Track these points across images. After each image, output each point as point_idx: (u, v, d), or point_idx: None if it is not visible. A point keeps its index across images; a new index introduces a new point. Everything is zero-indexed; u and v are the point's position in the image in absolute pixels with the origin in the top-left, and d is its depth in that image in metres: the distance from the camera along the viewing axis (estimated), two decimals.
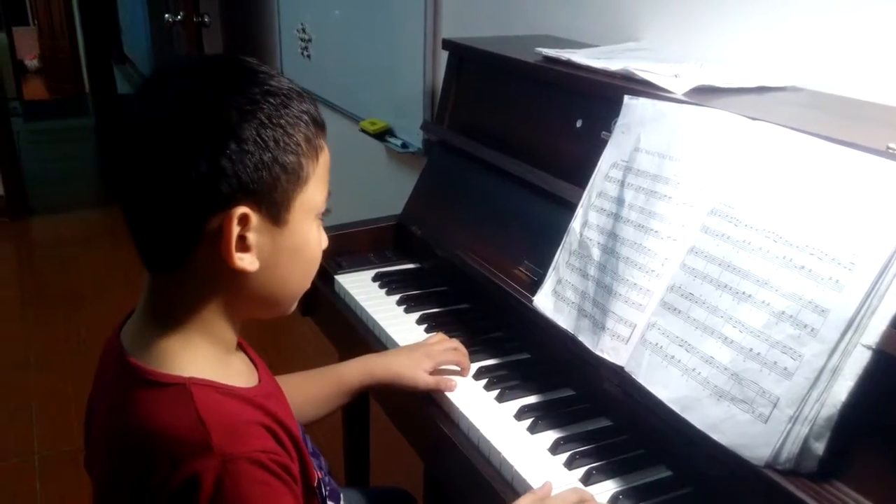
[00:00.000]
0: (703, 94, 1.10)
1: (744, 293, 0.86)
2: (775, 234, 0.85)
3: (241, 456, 0.69)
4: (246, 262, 0.73)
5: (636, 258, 0.98)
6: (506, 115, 1.43)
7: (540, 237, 1.24)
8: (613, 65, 1.20)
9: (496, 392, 1.12)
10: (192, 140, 0.69)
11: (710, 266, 0.90)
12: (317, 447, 0.97)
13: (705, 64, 1.23)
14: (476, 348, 1.24)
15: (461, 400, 1.10)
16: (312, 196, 0.77)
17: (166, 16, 3.37)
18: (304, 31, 2.89)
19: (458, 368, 1.16)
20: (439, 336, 1.20)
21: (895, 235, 0.76)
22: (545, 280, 1.14)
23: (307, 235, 0.78)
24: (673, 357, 0.91)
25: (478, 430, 1.04)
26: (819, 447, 0.78)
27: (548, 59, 1.34)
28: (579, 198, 1.14)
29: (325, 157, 0.78)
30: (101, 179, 4.83)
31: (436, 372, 1.13)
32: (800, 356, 0.79)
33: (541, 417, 1.06)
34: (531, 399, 1.11)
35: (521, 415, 1.07)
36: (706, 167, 0.95)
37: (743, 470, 0.82)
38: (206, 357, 0.76)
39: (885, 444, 0.76)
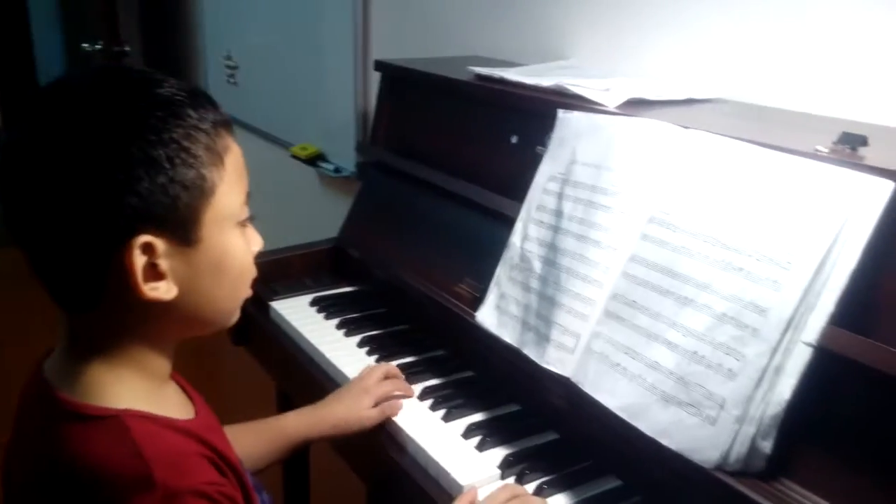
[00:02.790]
0: (635, 106, 1.12)
1: (685, 297, 0.87)
2: (713, 238, 0.86)
3: (186, 490, 0.65)
4: (161, 290, 0.68)
5: (578, 268, 0.99)
6: (441, 134, 1.43)
7: (480, 253, 1.23)
8: (545, 81, 1.22)
9: (442, 412, 1.10)
10: (74, 175, 0.64)
11: (651, 273, 0.91)
12: (258, 481, 0.93)
13: (634, 78, 1.26)
14: (419, 368, 1.22)
15: (407, 423, 1.07)
16: (225, 205, 0.71)
17: (84, 45, 3.26)
18: (229, 58, 2.84)
19: (400, 394, 1.14)
20: (369, 369, 1.16)
21: (829, 234, 0.78)
22: (487, 295, 1.13)
23: (227, 247, 0.73)
24: (618, 365, 0.91)
25: (425, 451, 1.02)
26: (767, 446, 0.79)
27: (480, 77, 1.34)
28: (517, 212, 1.14)
29: (233, 159, 0.72)
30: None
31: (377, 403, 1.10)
32: (743, 356, 0.80)
33: (488, 434, 1.04)
34: (478, 417, 1.10)
35: (468, 433, 1.05)
36: (642, 176, 0.96)
37: (693, 473, 0.82)
38: (138, 390, 0.72)
39: (830, 440, 0.78)
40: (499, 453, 1.02)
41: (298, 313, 1.40)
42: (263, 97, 2.70)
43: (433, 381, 1.18)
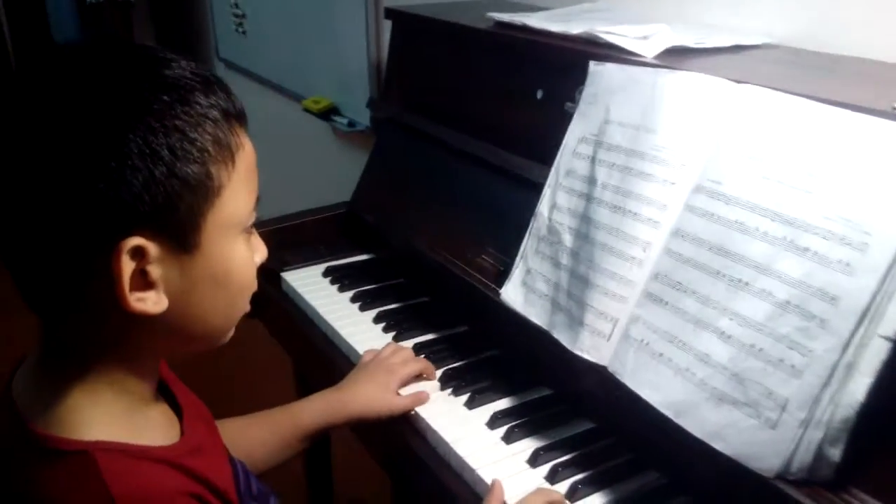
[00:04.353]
0: (676, 56, 0.99)
1: (740, 281, 0.76)
2: (773, 212, 0.75)
3: None
4: (149, 302, 0.59)
5: (614, 244, 0.88)
6: (458, 88, 1.31)
7: (503, 221, 1.13)
8: (574, 28, 1.09)
9: (465, 397, 1.02)
10: (60, 159, 0.55)
11: (699, 251, 0.80)
12: (267, 483, 0.85)
13: (673, 24, 1.12)
14: (439, 347, 1.13)
15: (428, 411, 0.99)
16: (231, 209, 0.62)
17: None
18: (236, 6, 2.70)
19: (426, 377, 1.05)
20: (391, 347, 1.08)
21: None
22: (513, 270, 1.03)
23: (229, 257, 0.64)
24: (662, 355, 0.81)
25: (447, 444, 0.94)
26: (835, 453, 0.69)
27: (501, 24, 1.21)
28: (543, 176, 1.03)
29: (246, 158, 0.63)
30: None
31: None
32: (809, 351, 0.70)
33: (517, 425, 0.95)
34: (504, 403, 1.01)
35: (493, 422, 0.97)
36: (689, 139, 0.84)
37: (749, 481, 0.73)
38: (114, 414, 0.63)
39: None
40: (528, 445, 0.93)
41: (311, 286, 1.31)
42: (272, 47, 2.57)
43: (454, 364, 1.09)
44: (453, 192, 1.25)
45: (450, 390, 1.04)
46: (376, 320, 1.21)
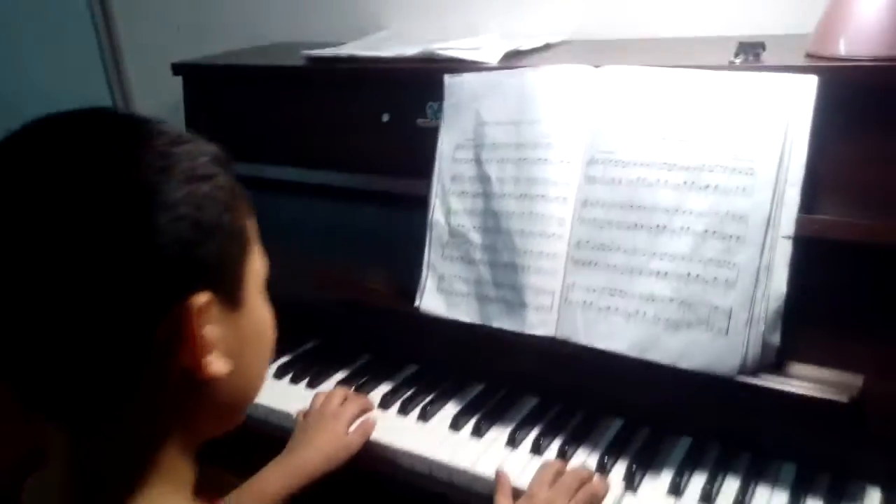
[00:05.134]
0: (516, 58, 1.11)
1: (658, 226, 0.89)
2: (668, 164, 0.90)
3: None
4: (219, 365, 0.54)
5: (531, 227, 0.97)
6: (288, 129, 1.30)
7: (380, 244, 1.16)
8: (408, 50, 1.16)
9: (415, 413, 1.04)
10: (106, 223, 0.48)
11: (611, 212, 0.92)
12: None
13: (481, 35, 1.25)
14: (358, 380, 1.13)
15: (390, 437, 0.99)
16: (258, 264, 0.60)
17: None
18: None
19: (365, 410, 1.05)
20: (322, 396, 1.06)
21: (779, 134, 0.85)
22: (423, 282, 1.07)
23: (263, 314, 0.61)
24: (609, 308, 0.91)
25: (425, 458, 0.95)
26: (776, 338, 0.85)
27: (320, 59, 1.24)
28: (408, 189, 1.09)
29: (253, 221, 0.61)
30: None
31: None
32: (735, 265, 0.85)
33: (479, 419, 1.00)
34: (452, 406, 1.05)
35: (456, 424, 1.00)
36: (571, 121, 0.96)
37: (715, 387, 0.86)
38: None
39: (818, 315, 0.86)
40: (498, 433, 0.98)
41: None
42: None
43: (385, 389, 1.10)
44: (317, 232, 1.24)
45: (394, 412, 1.05)
46: (277, 375, 1.16)
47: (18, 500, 0.58)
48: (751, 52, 0.93)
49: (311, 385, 1.13)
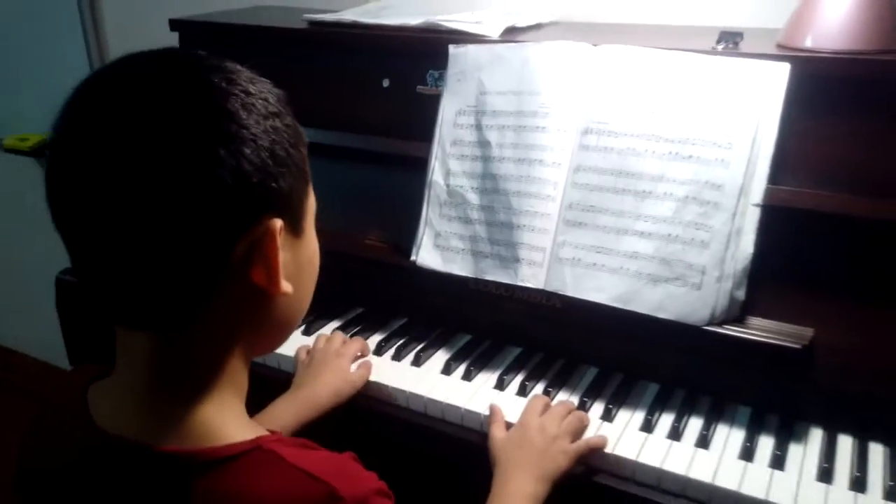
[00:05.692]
0: (516, 33, 1.20)
1: (644, 191, 1.00)
2: (655, 136, 1.00)
3: (369, 493, 0.63)
4: (285, 285, 0.62)
5: (527, 189, 1.06)
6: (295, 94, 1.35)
7: (375, 203, 1.24)
8: (412, 20, 1.23)
9: (409, 359, 1.12)
10: (198, 144, 0.55)
11: (602, 177, 1.02)
12: None
13: (472, 10, 1.33)
14: (352, 329, 1.20)
15: (388, 378, 1.07)
16: (313, 198, 0.68)
17: None
18: None
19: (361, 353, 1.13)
20: (324, 338, 1.13)
21: (754, 113, 0.96)
22: (419, 238, 1.15)
23: (315, 245, 0.69)
24: (595, 264, 1.01)
25: (421, 396, 1.04)
26: (741, 294, 0.96)
27: (324, 24, 1.31)
28: (406, 151, 1.17)
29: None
30: None
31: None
32: (710, 228, 0.96)
33: (469, 365, 1.09)
34: (442, 353, 1.13)
35: (448, 369, 1.09)
36: (568, 93, 1.05)
37: (686, 336, 0.97)
38: (240, 415, 0.65)
39: (781, 276, 0.97)
40: (486, 377, 1.08)
41: None
42: None
43: (379, 337, 1.18)
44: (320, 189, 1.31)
45: (389, 358, 1.13)
46: None
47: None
48: (731, 41, 1.04)
49: (307, 332, 1.20)
